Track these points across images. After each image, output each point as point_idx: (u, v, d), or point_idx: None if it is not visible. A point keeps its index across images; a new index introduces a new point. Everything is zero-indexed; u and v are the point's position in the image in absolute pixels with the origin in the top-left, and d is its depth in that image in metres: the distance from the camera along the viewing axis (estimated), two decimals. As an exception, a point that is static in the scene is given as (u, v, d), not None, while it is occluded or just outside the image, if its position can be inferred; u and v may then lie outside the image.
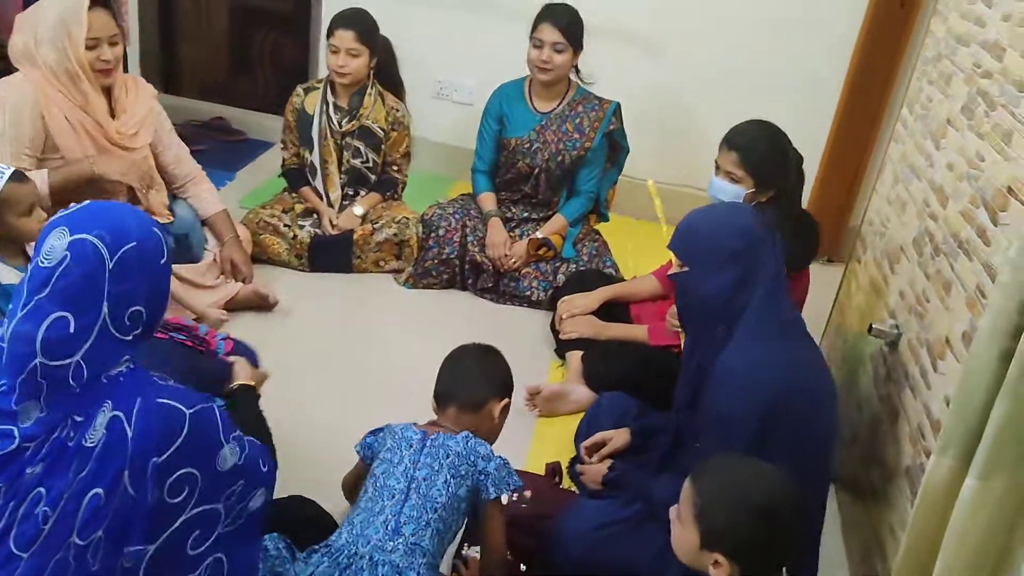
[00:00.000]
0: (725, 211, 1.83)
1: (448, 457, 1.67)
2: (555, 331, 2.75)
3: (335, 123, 3.06)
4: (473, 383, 1.79)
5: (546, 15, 2.90)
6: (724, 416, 1.66)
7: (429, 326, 2.87)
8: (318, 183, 3.13)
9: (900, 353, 2.05)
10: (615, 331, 2.62)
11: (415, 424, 1.76)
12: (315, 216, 3.10)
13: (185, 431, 1.36)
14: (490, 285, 3.04)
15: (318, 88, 3.08)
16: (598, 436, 2.15)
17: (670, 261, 2.62)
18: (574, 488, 2.17)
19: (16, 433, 1.30)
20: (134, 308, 1.34)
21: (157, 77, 4.13)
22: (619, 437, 2.13)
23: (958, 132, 1.94)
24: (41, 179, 2.26)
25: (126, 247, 1.31)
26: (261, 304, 2.80)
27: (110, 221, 1.32)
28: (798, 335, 1.77)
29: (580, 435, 2.29)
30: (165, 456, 1.34)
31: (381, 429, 1.78)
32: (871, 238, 2.53)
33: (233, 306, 2.75)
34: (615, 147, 3.14)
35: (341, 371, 2.60)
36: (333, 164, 3.11)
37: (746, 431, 1.61)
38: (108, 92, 2.47)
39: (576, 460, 2.23)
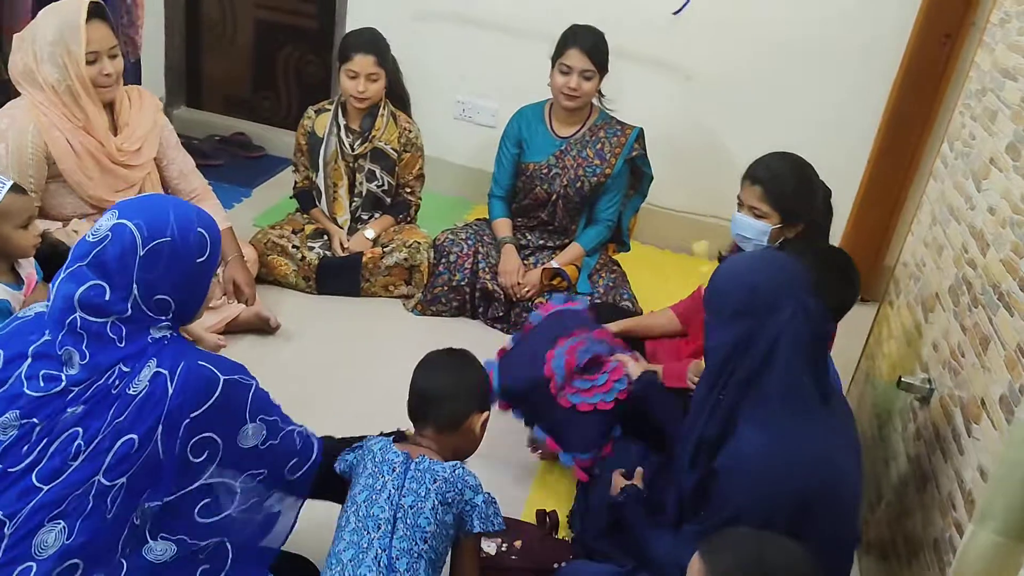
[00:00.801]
0: (751, 262, 1.68)
1: (435, 482, 1.58)
2: (565, 367, 2.62)
3: (347, 146, 2.98)
4: (451, 400, 1.68)
5: (573, 40, 2.77)
6: (743, 512, 1.49)
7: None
8: (323, 205, 3.05)
9: (932, 410, 1.88)
10: (619, 325, 2.48)
11: (395, 443, 1.67)
12: (326, 238, 3.02)
13: (217, 394, 1.44)
14: (501, 314, 2.92)
15: (329, 110, 3.00)
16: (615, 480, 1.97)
17: (691, 295, 2.53)
18: (569, 538, 2.03)
19: (63, 377, 1.41)
20: (160, 296, 1.44)
21: (182, 91, 4.11)
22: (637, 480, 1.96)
23: (1002, 173, 1.79)
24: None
25: (159, 240, 1.42)
26: (263, 327, 2.72)
27: (154, 214, 1.44)
28: (828, 412, 1.59)
29: (582, 483, 2.15)
30: (197, 413, 1.42)
31: (360, 445, 1.70)
32: (905, 281, 2.37)
33: (234, 328, 2.66)
34: (638, 174, 3.01)
35: (340, 399, 2.49)
36: (343, 187, 3.03)
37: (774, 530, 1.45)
38: (110, 107, 2.41)
39: (576, 508, 2.09)
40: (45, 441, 1.40)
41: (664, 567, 1.62)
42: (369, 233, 3.00)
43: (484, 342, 2.85)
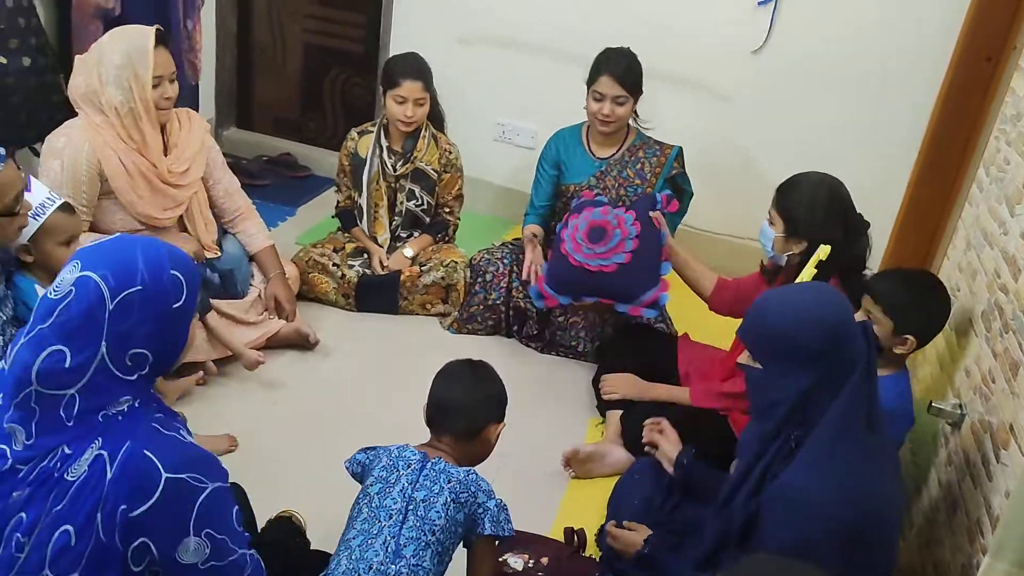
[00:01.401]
0: (809, 299, 1.56)
1: (450, 482, 1.62)
2: (597, 387, 2.64)
3: (389, 167, 3.05)
4: (469, 411, 1.71)
5: (605, 66, 2.81)
6: (799, 546, 1.45)
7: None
8: (364, 224, 3.12)
9: (963, 436, 1.87)
10: (657, 392, 2.50)
11: (413, 445, 1.71)
12: (365, 256, 3.09)
13: (156, 494, 1.27)
14: (535, 332, 2.96)
15: (371, 132, 3.08)
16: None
17: (739, 284, 2.52)
18: (597, 556, 2.05)
19: (8, 454, 1.30)
20: (136, 350, 1.31)
21: (232, 112, 4.24)
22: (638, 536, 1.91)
23: (1035, 199, 1.78)
24: None
25: (129, 290, 1.29)
26: (302, 343, 2.79)
27: (120, 262, 1.30)
28: (875, 438, 1.56)
29: (613, 501, 2.17)
30: (136, 512, 1.26)
31: (373, 448, 1.74)
32: (941, 306, 2.35)
33: (274, 343, 2.74)
34: (679, 191, 3.02)
35: (376, 414, 2.55)
36: (384, 207, 3.10)
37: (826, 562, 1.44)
38: (162, 128, 2.51)
39: (604, 527, 2.11)
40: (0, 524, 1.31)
41: None
42: (408, 252, 3.06)
43: (519, 360, 2.91)
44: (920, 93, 3.18)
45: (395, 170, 3.06)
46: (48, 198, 1.99)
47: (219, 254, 2.68)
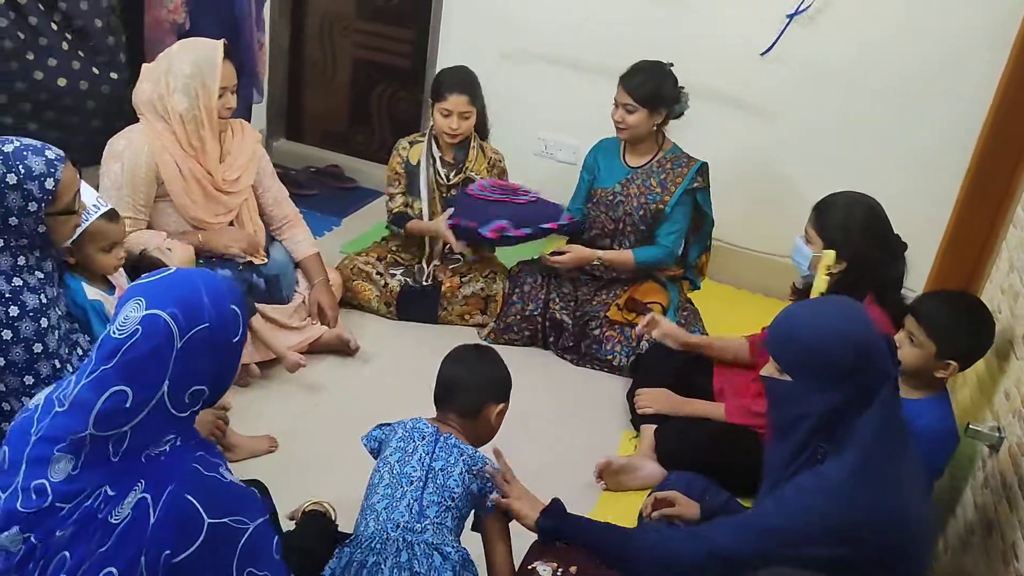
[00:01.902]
0: (836, 315, 1.55)
1: (463, 456, 1.74)
2: (631, 401, 2.66)
3: (443, 177, 3.11)
4: (470, 390, 1.81)
5: (624, 76, 2.90)
6: (782, 521, 1.50)
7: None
8: (451, 242, 3.14)
9: (1000, 459, 1.85)
10: (692, 408, 2.50)
11: (425, 419, 1.82)
12: (405, 267, 3.14)
13: (200, 540, 1.29)
14: (571, 345, 2.98)
15: (421, 141, 3.14)
16: (672, 494, 2.00)
17: (764, 330, 2.52)
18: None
19: (48, 489, 1.30)
20: (196, 387, 1.33)
21: (282, 124, 4.36)
22: (689, 508, 1.98)
23: (1076, 220, 1.77)
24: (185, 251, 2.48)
25: (198, 328, 1.29)
26: (343, 349, 2.85)
27: (186, 298, 1.30)
28: (910, 460, 1.55)
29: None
30: (179, 558, 1.28)
31: (388, 423, 1.84)
32: (982, 329, 2.32)
33: (316, 348, 2.80)
34: (699, 211, 3.04)
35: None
36: (439, 215, 3.16)
37: (797, 557, 1.45)
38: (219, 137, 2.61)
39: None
40: (43, 563, 1.31)
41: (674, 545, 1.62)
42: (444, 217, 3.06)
43: (554, 372, 2.94)
44: (968, 116, 3.14)
45: (448, 180, 3.11)
46: (94, 204, 2.07)
47: (266, 260, 2.76)
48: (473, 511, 1.81)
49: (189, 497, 1.29)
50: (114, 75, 2.77)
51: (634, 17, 3.46)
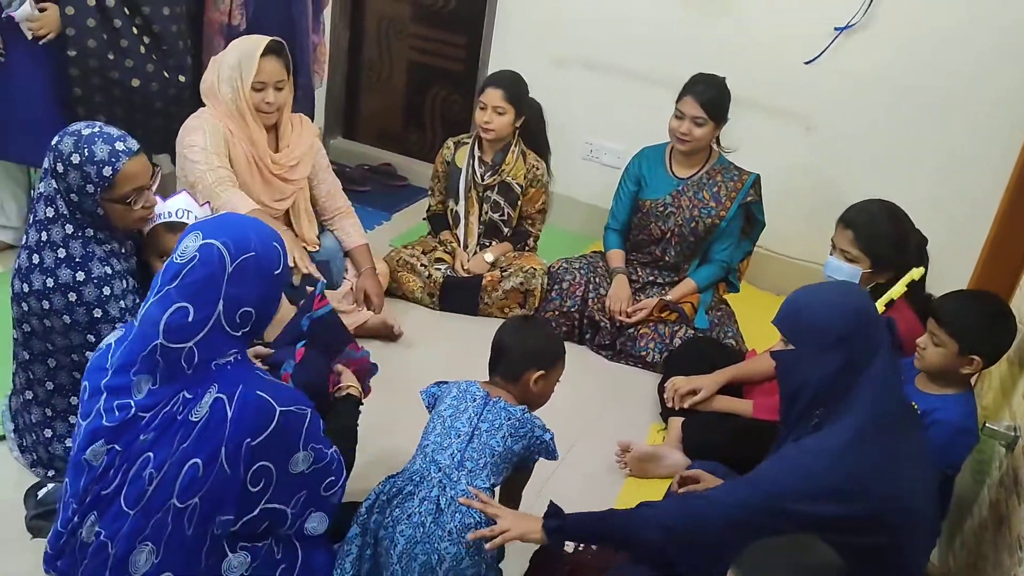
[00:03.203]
0: (835, 290, 1.77)
1: (509, 420, 1.86)
2: (662, 394, 2.74)
3: (479, 176, 3.24)
4: (512, 357, 1.96)
5: (690, 88, 2.95)
6: (787, 478, 1.61)
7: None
8: (460, 231, 3.30)
9: (1015, 457, 1.89)
10: (721, 403, 2.57)
11: (478, 382, 1.97)
12: (448, 261, 3.27)
13: (273, 424, 1.54)
14: (607, 342, 3.07)
15: (467, 143, 3.28)
16: (697, 472, 2.12)
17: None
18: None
19: (132, 404, 1.54)
20: (244, 309, 1.55)
21: (339, 123, 4.54)
22: (713, 484, 2.03)
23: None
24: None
25: (245, 255, 1.53)
26: (387, 334, 2.98)
27: (236, 232, 1.55)
28: (905, 429, 1.65)
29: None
30: (255, 442, 1.53)
31: (445, 382, 2.01)
32: (1012, 335, 2.35)
33: (362, 333, 2.94)
34: (751, 220, 3.11)
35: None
36: (474, 215, 3.29)
37: (795, 513, 1.54)
38: (276, 128, 2.77)
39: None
40: (125, 467, 1.54)
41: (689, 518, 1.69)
42: (488, 257, 3.24)
43: (589, 366, 3.03)
44: (1011, 124, 3.15)
45: (483, 180, 3.24)
46: (177, 210, 2.22)
47: (318, 247, 2.91)
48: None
49: (260, 392, 1.54)
50: (181, 78, 2.93)
51: (681, 25, 3.53)
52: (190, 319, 1.50)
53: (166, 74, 2.84)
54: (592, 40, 3.74)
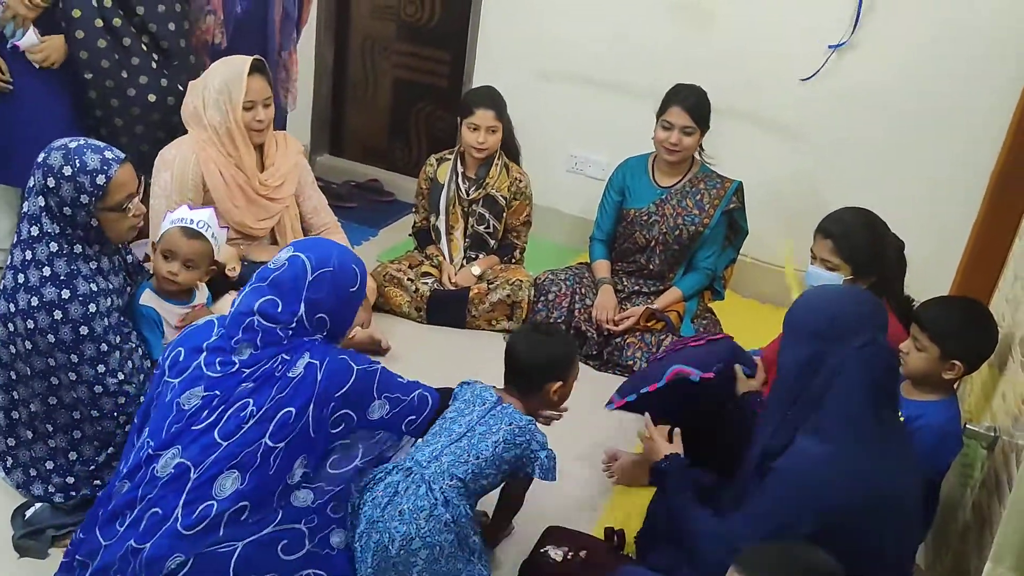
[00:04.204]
0: (836, 293, 1.86)
1: (509, 425, 1.92)
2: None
3: (463, 192, 3.26)
4: (528, 372, 2.03)
5: (675, 97, 2.98)
6: (776, 512, 1.64)
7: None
8: (443, 246, 3.32)
9: (995, 458, 1.91)
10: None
11: (495, 388, 2.04)
12: (435, 275, 3.28)
13: (352, 379, 1.84)
14: (594, 352, 3.09)
15: (449, 159, 3.30)
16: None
17: (776, 340, 2.60)
18: (634, 555, 2.15)
19: (236, 361, 1.81)
20: (320, 315, 1.84)
21: (325, 140, 4.56)
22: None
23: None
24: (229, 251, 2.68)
25: (324, 269, 1.84)
26: (375, 349, 2.99)
27: (321, 250, 1.87)
28: (884, 444, 1.67)
29: (651, 507, 2.27)
30: (339, 393, 1.82)
31: (469, 382, 2.09)
32: (991, 338, 2.38)
33: (349, 347, 2.94)
34: (734, 227, 3.14)
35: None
36: (459, 230, 3.31)
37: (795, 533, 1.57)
38: (260, 147, 2.79)
39: (645, 529, 2.21)
40: (222, 408, 1.77)
41: (701, 539, 1.77)
42: (475, 270, 3.25)
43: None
44: (988, 134, 3.20)
45: (468, 195, 3.26)
46: (199, 222, 2.28)
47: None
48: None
49: (342, 356, 1.87)
50: (182, 88, 2.93)
51: (664, 37, 3.58)
52: (279, 310, 1.81)
53: (180, 87, 2.84)
54: (575, 54, 3.78)
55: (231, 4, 3.01)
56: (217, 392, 1.79)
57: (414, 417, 1.99)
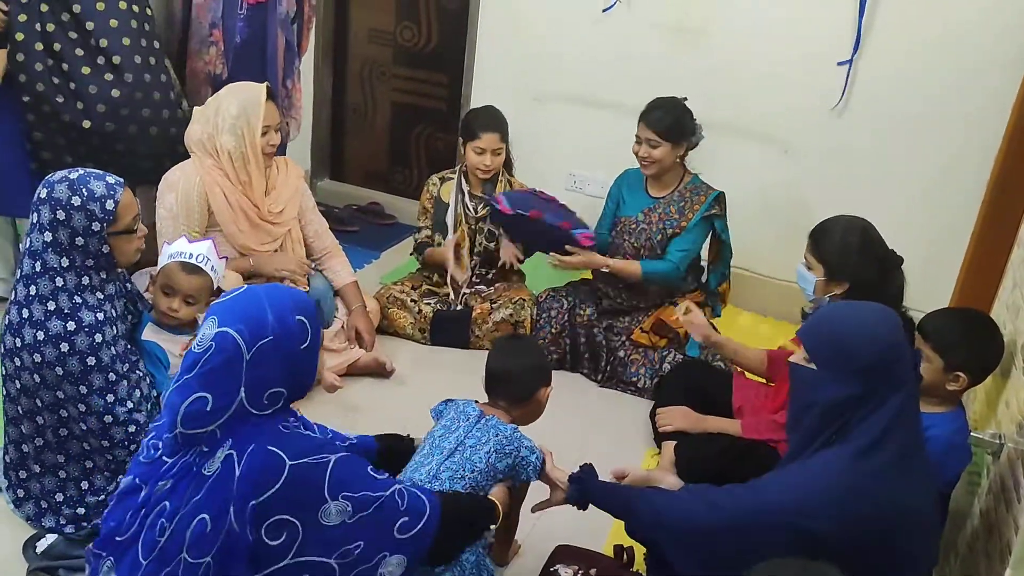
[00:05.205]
0: (870, 314, 1.66)
1: (497, 436, 1.92)
2: (654, 420, 2.76)
3: (471, 210, 3.29)
4: (522, 380, 2.01)
5: (644, 113, 3.03)
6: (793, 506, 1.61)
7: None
8: (449, 266, 3.33)
9: (1000, 465, 1.92)
10: (710, 424, 2.60)
11: (476, 402, 2.03)
12: (439, 296, 3.31)
13: (282, 479, 1.47)
14: (597, 367, 3.10)
15: (451, 179, 3.33)
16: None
17: (781, 346, 2.62)
18: (643, 572, 2.15)
19: (161, 445, 1.56)
20: (273, 390, 1.52)
21: (327, 165, 4.59)
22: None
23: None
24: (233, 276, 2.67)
25: (263, 341, 1.48)
26: (380, 371, 3.01)
27: (252, 315, 1.50)
28: (917, 458, 1.64)
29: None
30: (262, 498, 1.46)
31: (452, 400, 2.07)
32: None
33: (354, 371, 2.97)
34: (716, 238, 3.15)
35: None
36: (465, 248, 3.33)
37: (790, 525, 1.57)
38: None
39: (651, 553, 2.21)
40: (144, 511, 1.53)
41: (684, 510, 1.73)
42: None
43: (582, 393, 3.06)
44: (983, 143, 3.22)
45: (476, 212, 3.28)
46: (198, 255, 2.30)
47: (307, 288, 2.94)
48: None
49: (271, 448, 1.49)
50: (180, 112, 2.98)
51: (658, 55, 3.62)
52: (209, 408, 1.48)
53: (138, 99, 2.80)
54: (571, 74, 3.82)
55: (231, 35, 3.05)
56: (142, 485, 1.56)
57: (407, 521, 1.61)
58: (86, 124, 2.74)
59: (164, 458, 1.52)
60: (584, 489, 1.92)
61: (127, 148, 2.83)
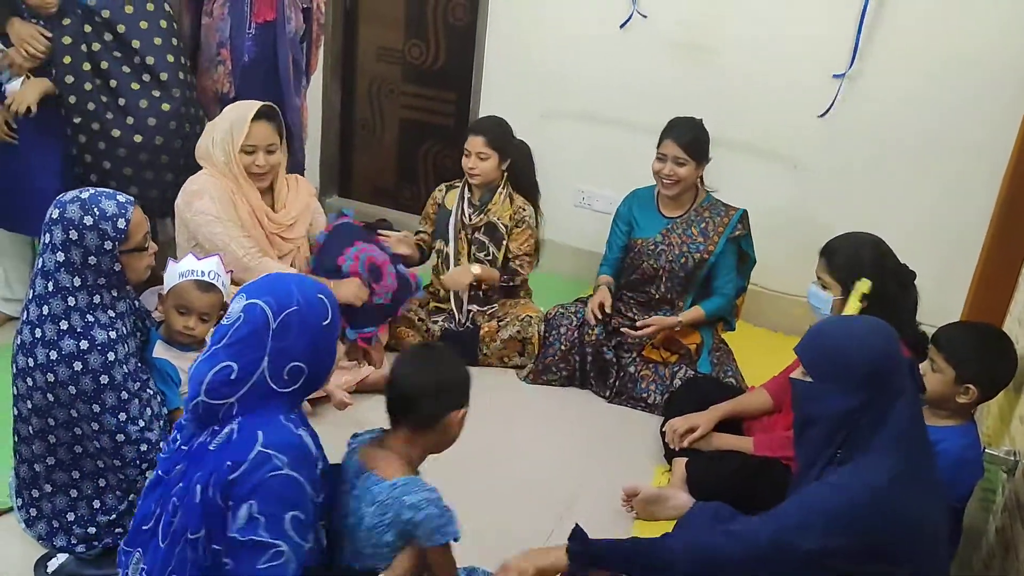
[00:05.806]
0: (863, 327, 1.69)
1: (372, 506, 1.63)
2: (664, 437, 2.75)
3: (467, 216, 3.29)
4: (429, 399, 1.66)
5: (669, 131, 3.02)
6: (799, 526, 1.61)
7: (544, 421, 2.96)
8: (450, 272, 3.32)
9: (1016, 481, 1.90)
10: (722, 441, 2.59)
11: (382, 428, 1.76)
12: (446, 313, 3.31)
13: (247, 463, 1.51)
14: (607, 383, 3.09)
15: (457, 187, 3.35)
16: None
17: (781, 372, 2.62)
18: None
19: (179, 437, 1.63)
20: (294, 364, 1.57)
21: (335, 182, 4.61)
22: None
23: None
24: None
25: (289, 310, 1.56)
26: (389, 389, 3.00)
27: (278, 289, 1.58)
28: (924, 470, 1.65)
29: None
30: (233, 476, 1.51)
31: (357, 433, 1.82)
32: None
33: (363, 388, 2.96)
34: (742, 254, 3.15)
35: (454, 457, 2.69)
36: (464, 256, 3.33)
37: (809, 550, 1.56)
38: (271, 189, 2.83)
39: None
40: (162, 498, 1.60)
41: (721, 547, 1.67)
42: (475, 268, 3.23)
43: (592, 410, 3.05)
44: (992, 159, 3.22)
45: (471, 219, 3.29)
46: (209, 272, 2.31)
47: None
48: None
49: (257, 431, 1.53)
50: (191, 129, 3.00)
51: (667, 73, 3.63)
52: (233, 376, 1.53)
53: (183, 111, 2.86)
54: (579, 91, 3.83)
55: (238, 54, 3.07)
56: (164, 476, 1.62)
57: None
58: (137, 139, 2.78)
59: (182, 447, 1.59)
60: (587, 553, 1.73)
61: (171, 162, 2.87)
